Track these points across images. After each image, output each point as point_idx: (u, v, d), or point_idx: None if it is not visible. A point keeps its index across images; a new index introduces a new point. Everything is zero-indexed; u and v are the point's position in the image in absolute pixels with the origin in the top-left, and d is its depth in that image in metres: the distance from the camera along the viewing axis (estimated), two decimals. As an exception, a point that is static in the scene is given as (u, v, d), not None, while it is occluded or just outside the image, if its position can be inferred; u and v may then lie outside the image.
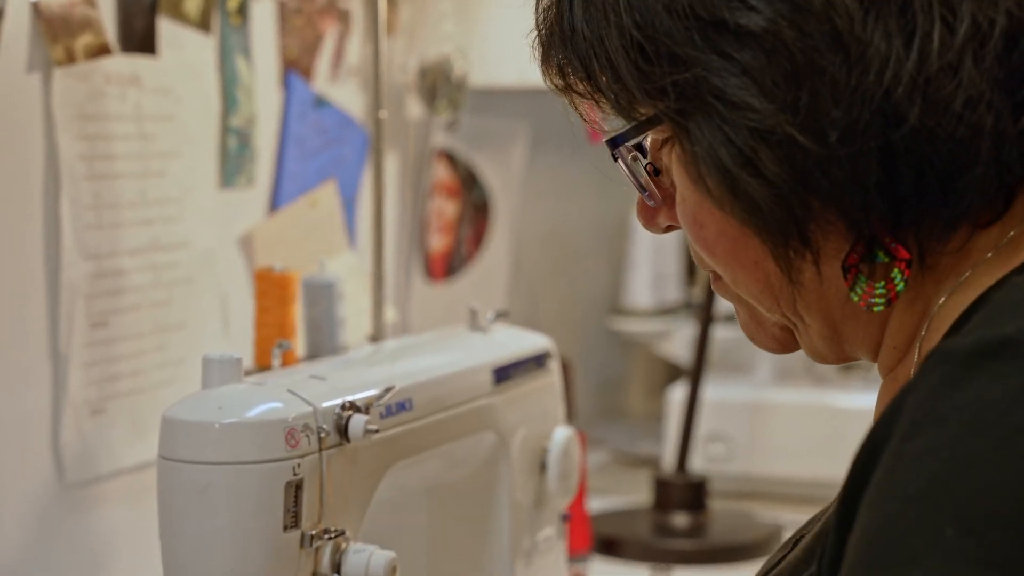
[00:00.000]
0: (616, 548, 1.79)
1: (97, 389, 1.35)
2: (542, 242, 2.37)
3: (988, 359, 0.64)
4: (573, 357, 2.05)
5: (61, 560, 1.33)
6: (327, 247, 1.69)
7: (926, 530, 0.61)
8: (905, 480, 0.63)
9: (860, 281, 0.78)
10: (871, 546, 0.62)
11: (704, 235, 0.80)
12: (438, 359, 1.23)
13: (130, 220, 1.38)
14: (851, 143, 0.73)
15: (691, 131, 0.77)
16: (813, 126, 0.73)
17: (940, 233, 0.76)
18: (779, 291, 0.80)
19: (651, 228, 0.86)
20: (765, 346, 0.85)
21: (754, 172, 0.75)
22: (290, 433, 0.98)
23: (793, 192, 0.75)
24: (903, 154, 0.73)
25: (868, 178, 0.74)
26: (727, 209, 0.77)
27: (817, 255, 0.77)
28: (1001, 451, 0.61)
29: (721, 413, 2.09)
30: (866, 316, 0.80)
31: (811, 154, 0.74)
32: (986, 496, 0.60)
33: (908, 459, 0.63)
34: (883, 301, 0.77)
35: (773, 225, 0.76)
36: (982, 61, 0.73)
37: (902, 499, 0.62)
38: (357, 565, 1.02)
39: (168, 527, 0.99)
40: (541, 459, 1.32)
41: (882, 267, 0.77)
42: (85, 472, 1.34)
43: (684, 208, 0.81)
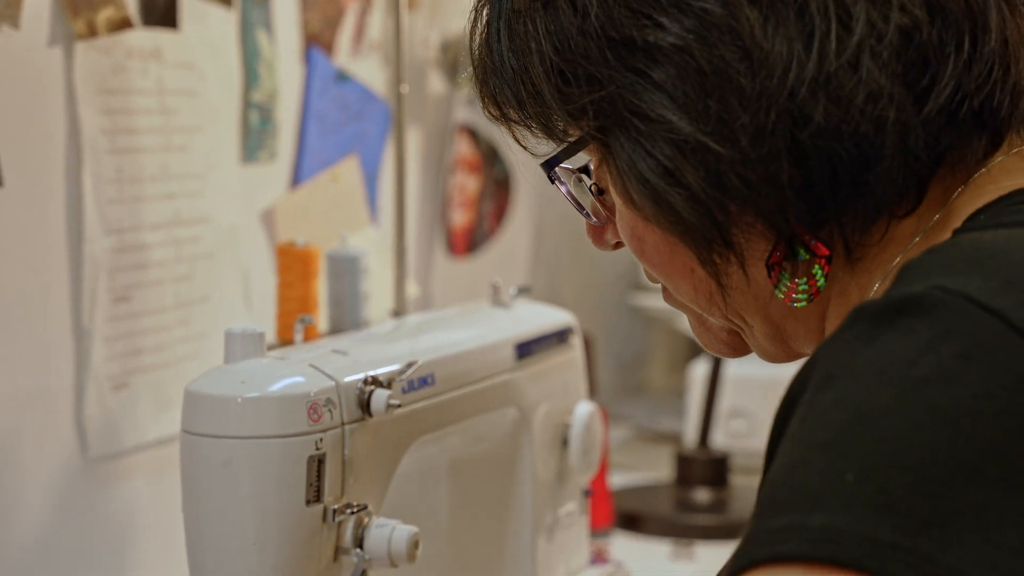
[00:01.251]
0: (638, 523, 1.79)
1: (120, 363, 1.35)
2: (564, 218, 2.36)
3: (898, 315, 0.67)
4: (595, 333, 2.05)
5: (85, 533, 1.34)
6: (349, 222, 1.69)
7: (829, 475, 0.63)
8: (813, 428, 0.65)
9: (784, 279, 0.80)
10: (776, 488, 0.64)
11: (642, 248, 0.84)
12: (460, 334, 1.23)
13: (152, 195, 1.38)
14: (761, 145, 0.76)
15: (613, 147, 0.80)
16: (724, 132, 0.76)
17: (860, 226, 0.79)
18: (714, 296, 0.83)
19: (601, 246, 0.91)
20: (716, 351, 0.89)
21: (674, 182, 0.78)
22: (313, 408, 0.99)
23: (712, 198, 0.78)
24: (813, 152, 0.76)
25: (781, 178, 0.76)
26: (653, 220, 0.81)
27: (742, 257, 0.80)
28: (904, 401, 0.64)
29: (743, 389, 2.09)
30: (803, 312, 0.82)
31: (725, 159, 0.77)
32: (887, 444, 0.63)
33: (819, 409, 0.66)
34: (805, 297, 0.80)
35: (696, 232, 0.79)
36: (880, 56, 0.75)
37: (809, 445, 0.64)
38: (379, 539, 1.02)
39: (191, 501, 0.99)
40: (563, 434, 1.32)
41: (804, 264, 0.80)
42: (108, 446, 1.34)
43: (622, 224, 0.84)
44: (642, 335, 2.64)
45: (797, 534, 0.61)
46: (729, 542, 1.74)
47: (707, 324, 0.87)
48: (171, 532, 1.14)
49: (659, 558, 1.69)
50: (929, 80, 0.76)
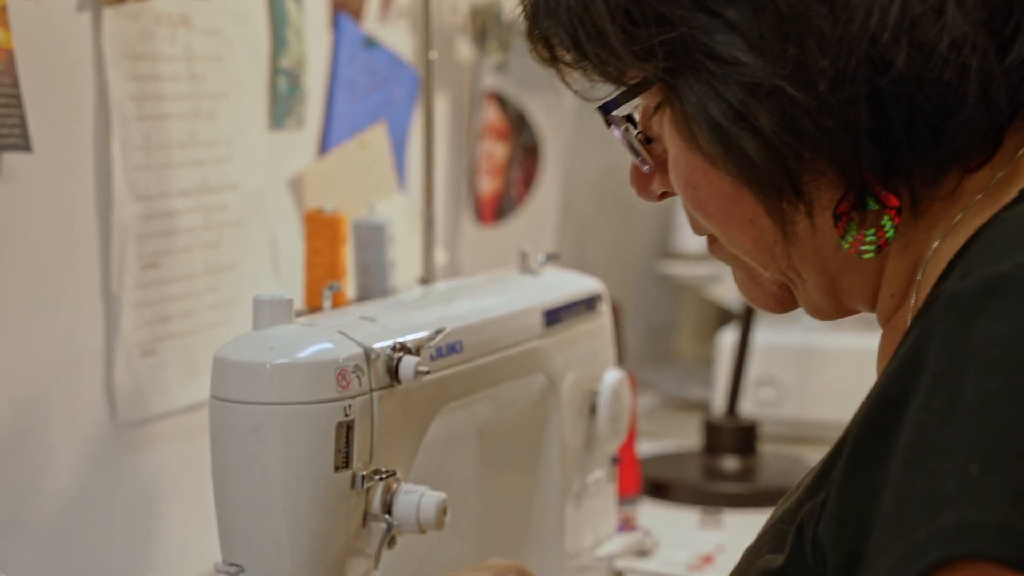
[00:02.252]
0: (666, 491, 1.79)
1: (149, 330, 1.35)
2: (592, 185, 2.36)
3: (987, 298, 0.66)
4: (623, 301, 2.04)
5: (114, 499, 1.34)
6: (377, 189, 1.69)
7: (954, 474, 0.62)
8: (940, 437, 0.64)
9: (851, 229, 0.79)
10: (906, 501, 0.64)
11: (698, 196, 0.81)
12: (489, 301, 1.22)
13: (180, 161, 1.38)
14: (840, 91, 0.75)
15: (681, 90, 0.78)
16: (802, 76, 0.75)
17: (931, 178, 0.77)
18: (774, 247, 0.81)
19: (645, 196, 0.88)
20: (764, 306, 0.87)
21: (746, 126, 0.76)
22: (341, 374, 0.98)
23: (785, 144, 0.76)
24: (892, 100, 0.75)
25: (858, 126, 0.75)
26: (720, 166, 0.79)
27: (810, 206, 0.78)
28: (1013, 386, 0.63)
29: (771, 357, 2.09)
30: (861, 265, 0.81)
31: (801, 105, 0.75)
32: (1005, 431, 0.62)
33: (938, 414, 0.65)
34: (873, 248, 0.79)
35: (766, 179, 0.78)
36: (964, 3, 0.74)
37: (937, 453, 0.64)
38: (408, 506, 1.02)
39: (220, 467, 0.99)
40: (591, 402, 1.32)
41: (873, 214, 0.79)
42: (137, 412, 1.35)
43: (677, 171, 0.82)
44: (670, 303, 2.63)
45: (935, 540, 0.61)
46: (757, 510, 1.74)
47: (757, 277, 0.85)
48: (200, 498, 1.15)
49: (687, 526, 1.69)
50: (1013, 29, 0.75)
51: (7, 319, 1.21)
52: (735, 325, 2.06)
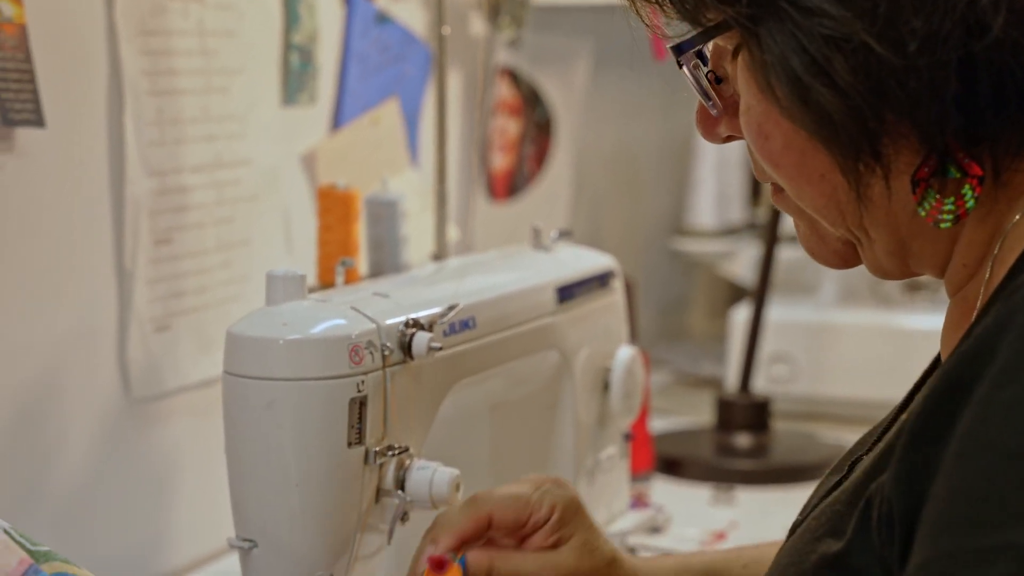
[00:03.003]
0: (678, 468, 1.79)
1: (162, 305, 1.35)
2: (605, 161, 2.35)
3: None
4: (636, 277, 2.04)
5: (128, 474, 1.35)
6: (389, 165, 1.68)
7: (1014, 479, 0.59)
8: (1001, 432, 0.61)
9: (929, 196, 0.76)
10: (971, 503, 0.61)
11: (769, 147, 0.78)
12: (502, 277, 1.22)
13: (193, 136, 1.38)
14: (931, 53, 0.71)
15: (762, 38, 0.75)
16: (892, 35, 0.71)
17: (1016, 148, 0.74)
18: (845, 205, 0.78)
19: (711, 138, 0.84)
20: (825, 261, 0.84)
21: (827, 82, 0.73)
22: (354, 350, 0.98)
23: (867, 103, 0.73)
24: (984, 65, 0.72)
25: (946, 90, 0.72)
26: (796, 120, 0.76)
27: (887, 169, 0.75)
28: None
29: (785, 334, 2.08)
30: (935, 232, 0.78)
31: (888, 64, 0.72)
32: None
33: (1002, 408, 0.62)
34: (951, 218, 0.76)
35: (844, 138, 0.75)
36: None
37: (1000, 453, 0.61)
38: (421, 481, 1.02)
39: (233, 442, 0.99)
40: (604, 378, 1.32)
41: (953, 183, 0.75)
42: (151, 388, 1.35)
43: (749, 118, 0.79)
44: (683, 280, 2.63)
45: (1008, 554, 0.58)
46: (770, 486, 1.74)
47: (822, 233, 0.82)
48: (213, 473, 1.15)
49: (699, 502, 1.69)
50: None
51: (21, 295, 1.22)
52: (748, 302, 2.06)
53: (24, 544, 0.86)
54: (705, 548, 1.09)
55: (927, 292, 2.09)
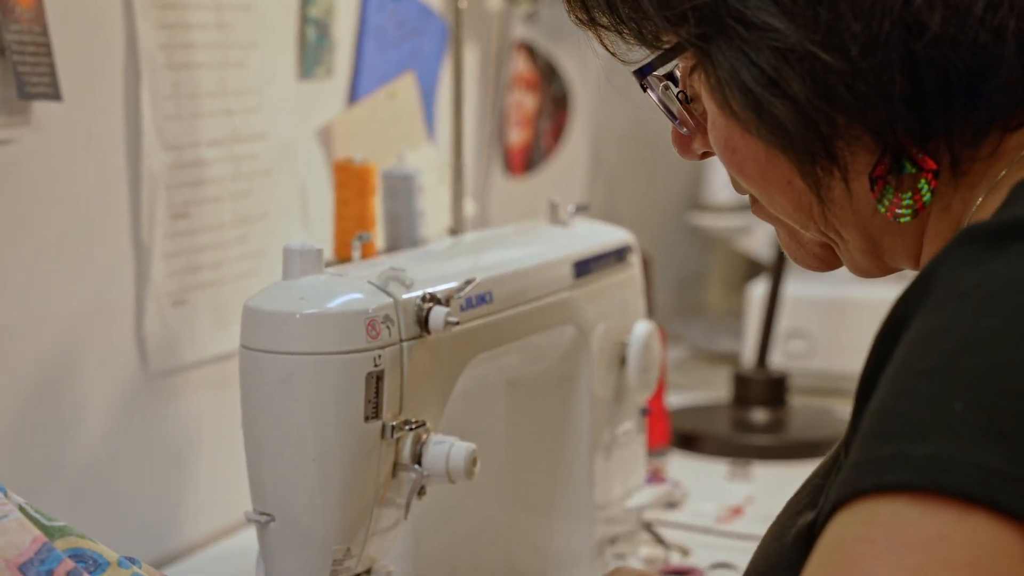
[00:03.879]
0: (695, 443, 1.79)
1: (179, 280, 1.35)
2: (622, 136, 2.34)
3: (1008, 239, 0.65)
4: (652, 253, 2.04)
5: (145, 448, 1.35)
6: (406, 139, 1.68)
7: (935, 405, 0.61)
8: (919, 355, 0.64)
9: (887, 193, 0.78)
10: (881, 418, 0.63)
11: (736, 159, 0.81)
12: (518, 252, 1.22)
13: (209, 111, 1.38)
14: (873, 56, 0.74)
15: (714, 56, 0.78)
16: (834, 41, 0.74)
17: (971, 140, 0.76)
18: (813, 209, 0.80)
19: (687, 156, 0.87)
20: (807, 265, 0.87)
21: (778, 92, 0.76)
22: (371, 324, 0.98)
23: (818, 109, 0.76)
24: (926, 63, 0.74)
25: (892, 90, 0.74)
26: (753, 131, 0.78)
27: (845, 171, 0.78)
28: (1014, 328, 0.62)
29: (802, 309, 2.08)
30: (902, 227, 0.80)
31: (834, 70, 0.74)
32: (996, 372, 0.61)
33: (924, 335, 0.64)
34: (910, 212, 0.78)
35: (800, 144, 0.77)
36: None
37: (915, 374, 0.63)
38: (438, 456, 1.02)
39: (250, 416, 0.99)
40: (621, 353, 1.31)
41: (909, 178, 0.78)
42: (168, 362, 1.35)
43: (715, 134, 0.81)
44: (700, 255, 2.62)
45: (903, 463, 0.60)
46: (786, 462, 1.74)
47: (799, 238, 0.85)
48: (231, 447, 1.15)
49: (716, 478, 1.69)
50: None
51: (38, 270, 1.22)
52: (765, 277, 2.05)
53: (39, 519, 0.86)
54: None
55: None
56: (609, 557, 1.31)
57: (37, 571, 0.81)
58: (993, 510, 0.58)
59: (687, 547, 1.41)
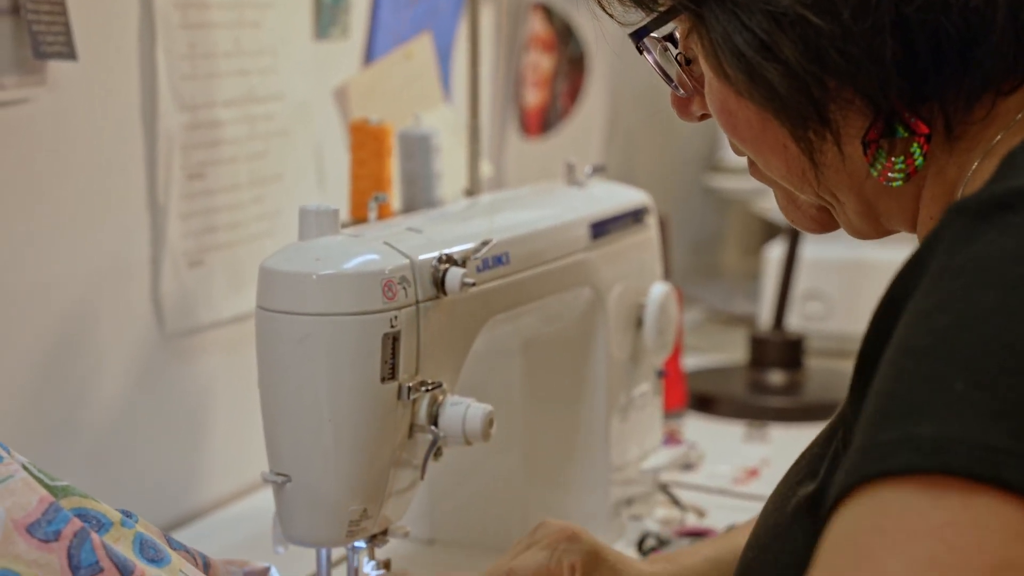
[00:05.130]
0: (711, 405, 1.78)
1: (195, 240, 1.35)
2: (638, 97, 2.33)
3: (1000, 211, 0.65)
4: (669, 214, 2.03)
5: (162, 408, 1.35)
6: (422, 100, 1.67)
7: (936, 384, 0.61)
8: (917, 334, 0.63)
9: (880, 157, 0.78)
10: (883, 400, 0.62)
11: (731, 122, 0.81)
12: (535, 213, 1.22)
13: (225, 71, 1.37)
14: (864, 19, 0.74)
15: (707, 19, 0.78)
16: (826, 5, 0.74)
17: (964, 104, 0.76)
18: (805, 173, 0.81)
19: (686, 118, 0.88)
20: (804, 227, 0.87)
21: (770, 56, 0.76)
22: (387, 285, 0.98)
23: (809, 73, 0.76)
24: (918, 27, 0.74)
25: (884, 54, 0.74)
26: (747, 95, 0.79)
27: (837, 135, 0.78)
28: (1009, 302, 0.62)
29: (818, 271, 2.07)
30: (897, 190, 0.80)
31: (825, 33, 0.74)
32: (995, 348, 0.61)
33: (921, 313, 0.64)
34: (902, 176, 0.78)
35: (792, 108, 0.77)
36: None
37: (914, 353, 0.63)
38: (454, 417, 1.02)
39: (267, 377, 0.99)
40: (638, 315, 1.31)
41: (902, 142, 0.78)
42: (184, 322, 1.35)
43: (711, 97, 0.82)
44: (717, 217, 2.61)
45: (907, 446, 0.60)
46: (802, 424, 1.74)
47: (796, 200, 0.85)
48: (247, 408, 1.15)
49: (732, 439, 1.69)
50: None
51: (55, 229, 1.22)
52: (782, 239, 2.05)
53: (43, 479, 0.86)
54: (704, 540, 1.12)
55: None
56: (625, 518, 1.31)
57: (45, 531, 0.81)
58: (1000, 488, 0.58)
59: (703, 508, 1.41)
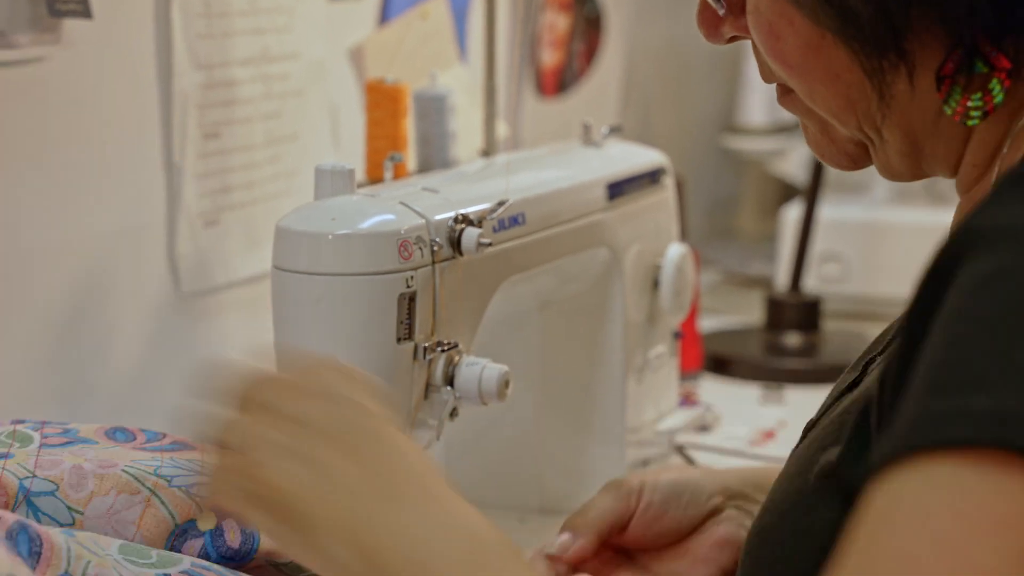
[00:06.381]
0: (728, 367, 1.78)
1: (211, 200, 1.35)
2: (655, 57, 2.32)
3: None
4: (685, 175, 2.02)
5: (177, 368, 1.35)
6: (438, 60, 1.66)
7: (996, 355, 0.57)
8: (977, 302, 0.60)
9: (955, 93, 0.74)
10: (938, 369, 0.59)
11: (780, 47, 0.76)
12: (551, 174, 1.21)
13: (241, 29, 1.36)
14: None
15: None
16: None
17: None
18: (861, 106, 0.76)
19: (714, 39, 0.82)
20: (835, 162, 0.82)
21: None
22: (403, 245, 0.98)
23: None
24: None
25: None
26: (818, 19, 0.74)
27: (912, 67, 0.74)
28: None
29: (836, 232, 2.06)
30: (950, 132, 0.76)
31: None
32: None
33: (977, 281, 0.60)
34: (979, 114, 0.74)
35: (869, 34, 0.73)
36: None
37: (973, 321, 0.59)
38: (470, 378, 1.02)
39: (283, 337, 0.99)
40: (654, 276, 1.31)
41: (979, 78, 0.73)
42: (201, 282, 1.35)
43: (758, 18, 0.77)
44: (733, 178, 2.60)
45: (962, 418, 0.56)
46: (819, 386, 1.73)
47: (832, 134, 0.80)
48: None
49: (748, 401, 1.69)
50: None
51: (70, 190, 1.21)
52: (799, 200, 2.04)
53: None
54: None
55: (982, 191, 2.06)
56: (641, 480, 1.31)
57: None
58: None
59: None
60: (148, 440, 0.93)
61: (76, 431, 0.93)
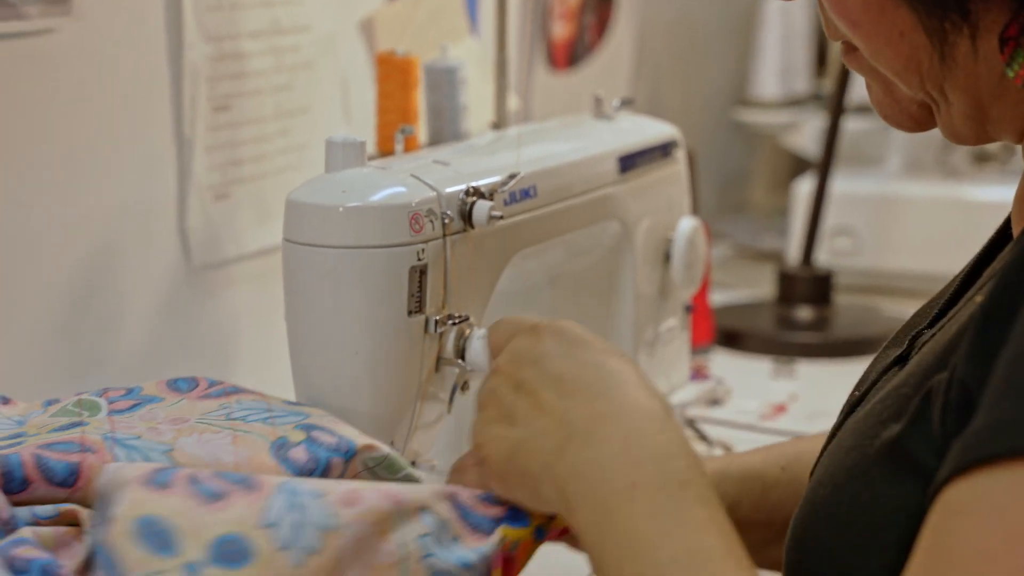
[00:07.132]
0: (739, 341, 1.78)
1: (221, 173, 1.35)
2: (667, 30, 2.31)
3: None
4: (697, 149, 2.02)
5: (190, 340, 1.35)
6: (449, 32, 1.66)
7: None
8: None
9: (1018, 56, 0.72)
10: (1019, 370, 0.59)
11: (846, 4, 0.76)
12: (563, 146, 1.21)
13: (251, 2, 1.36)
14: None
15: None
16: None
17: None
18: (925, 66, 0.75)
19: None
20: (899, 124, 0.81)
21: None
22: (414, 218, 0.97)
23: None
24: None
25: None
26: None
27: (975, 27, 0.72)
28: None
29: (848, 206, 2.06)
30: (1018, 95, 0.75)
31: None
32: None
33: None
34: None
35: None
36: None
37: None
38: (481, 351, 1.02)
39: (294, 310, 0.99)
40: (666, 249, 1.30)
41: None
42: (211, 255, 1.35)
43: None
44: (745, 152, 2.60)
45: None
46: (830, 360, 1.73)
47: (896, 94, 0.79)
48: (274, 339, 1.15)
49: (760, 375, 1.69)
50: None
51: (80, 163, 1.21)
52: (811, 174, 2.03)
53: None
54: (740, 452, 1.06)
55: (995, 163, 2.05)
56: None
57: None
58: None
59: (730, 444, 1.41)
60: (210, 385, 0.93)
61: (139, 390, 0.93)
